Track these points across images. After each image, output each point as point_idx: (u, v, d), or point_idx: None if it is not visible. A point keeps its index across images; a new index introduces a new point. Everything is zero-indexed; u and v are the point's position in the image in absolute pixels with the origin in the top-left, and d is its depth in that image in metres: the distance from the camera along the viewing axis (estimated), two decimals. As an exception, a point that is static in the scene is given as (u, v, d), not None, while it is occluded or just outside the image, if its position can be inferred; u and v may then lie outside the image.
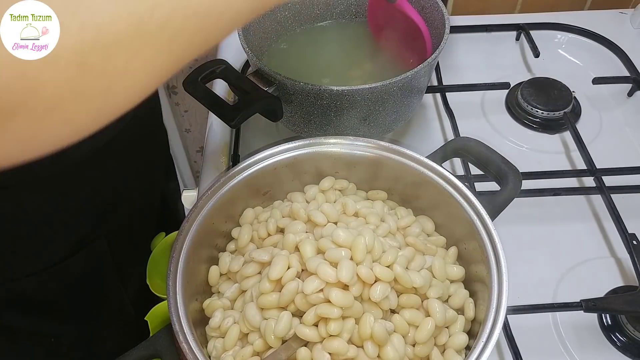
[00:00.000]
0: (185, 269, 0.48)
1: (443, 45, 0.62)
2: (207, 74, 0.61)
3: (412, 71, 0.59)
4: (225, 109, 0.59)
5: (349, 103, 0.60)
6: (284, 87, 0.61)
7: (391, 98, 0.62)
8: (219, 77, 0.62)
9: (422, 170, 0.54)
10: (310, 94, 0.60)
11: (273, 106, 0.61)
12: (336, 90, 0.58)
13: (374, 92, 0.59)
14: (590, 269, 0.63)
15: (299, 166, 0.57)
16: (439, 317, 0.47)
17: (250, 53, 0.63)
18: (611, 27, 0.89)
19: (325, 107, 0.61)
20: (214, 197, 0.53)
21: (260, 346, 0.47)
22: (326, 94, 0.59)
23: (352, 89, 0.58)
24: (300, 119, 0.65)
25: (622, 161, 0.72)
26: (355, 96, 0.59)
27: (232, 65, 0.63)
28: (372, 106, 0.61)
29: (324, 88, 0.58)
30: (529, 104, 0.78)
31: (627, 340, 0.57)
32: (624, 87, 0.81)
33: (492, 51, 0.89)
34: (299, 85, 0.59)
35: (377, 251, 0.48)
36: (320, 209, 0.52)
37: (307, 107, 0.62)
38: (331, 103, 0.60)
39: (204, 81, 0.61)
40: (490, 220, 0.49)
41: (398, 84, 0.59)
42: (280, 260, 0.48)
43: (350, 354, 0.45)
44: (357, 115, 0.62)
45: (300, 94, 0.61)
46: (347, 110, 0.61)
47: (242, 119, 0.59)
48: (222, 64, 0.62)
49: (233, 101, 0.60)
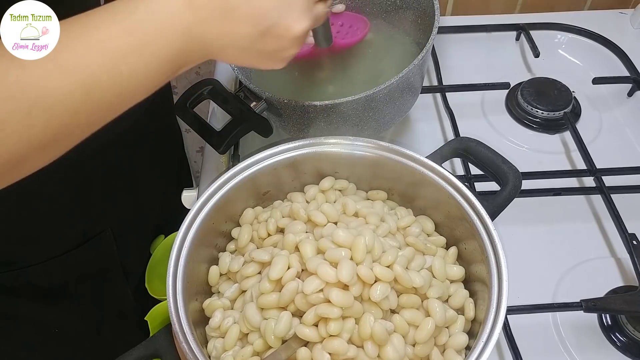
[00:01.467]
0: (185, 269, 0.48)
1: (430, 45, 0.61)
2: (196, 96, 0.63)
3: (398, 77, 0.58)
4: (212, 136, 0.61)
5: (336, 114, 0.60)
6: (271, 102, 0.61)
7: (381, 104, 0.61)
8: (207, 98, 0.63)
9: (422, 170, 0.54)
10: (297, 108, 0.60)
11: (261, 126, 0.62)
12: (320, 105, 0.58)
13: (359, 103, 0.59)
14: (590, 269, 0.63)
15: (299, 166, 0.57)
16: (439, 317, 0.47)
17: (237, 71, 0.63)
18: (611, 27, 0.89)
19: (313, 119, 0.61)
20: (214, 197, 0.53)
21: (260, 346, 0.47)
22: (311, 109, 0.59)
23: (335, 102, 0.58)
24: (293, 127, 0.65)
25: (622, 161, 0.72)
26: (341, 108, 0.59)
27: (222, 84, 0.64)
28: (362, 114, 0.61)
29: (308, 104, 0.58)
30: (529, 104, 0.78)
31: (627, 340, 0.57)
32: (624, 87, 0.81)
33: (492, 51, 0.89)
34: (283, 102, 0.59)
35: (377, 251, 0.48)
36: (320, 209, 0.52)
37: (297, 119, 0.63)
38: (318, 115, 0.60)
39: (193, 105, 0.63)
40: (490, 220, 0.49)
41: (384, 91, 0.58)
42: (280, 260, 0.48)
43: (350, 354, 0.45)
44: (348, 122, 0.61)
45: (287, 108, 0.61)
46: (336, 120, 0.61)
47: (229, 145, 0.61)
48: (210, 85, 0.63)
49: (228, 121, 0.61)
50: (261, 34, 0.40)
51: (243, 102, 0.62)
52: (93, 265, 0.70)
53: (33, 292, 0.68)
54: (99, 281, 0.73)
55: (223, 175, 0.54)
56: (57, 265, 0.66)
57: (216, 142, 0.60)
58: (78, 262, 0.68)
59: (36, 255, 0.65)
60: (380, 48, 0.73)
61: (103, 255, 0.71)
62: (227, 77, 0.80)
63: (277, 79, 0.69)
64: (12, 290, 0.66)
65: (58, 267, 0.66)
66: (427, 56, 0.62)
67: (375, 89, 0.58)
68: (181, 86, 1.21)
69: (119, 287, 0.76)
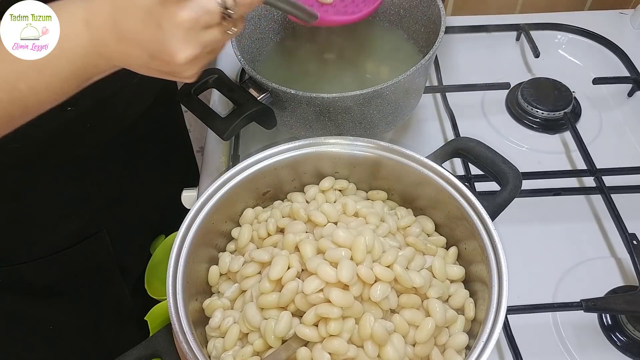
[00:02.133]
0: (185, 269, 0.48)
1: (437, 45, 0.62)
2: (201, 84, 0.62)
3: (405, 75, 0.59)
4: (216, 122, 0.59)
5: (341, 108, 0.60)
6: (277, 94, 0.61)
7: (385, 101, 0.61)
8: (212, 87, 0.63)
9: (422, 170, 0.54)
10: (302, 101, 0.60)
11: (265, 116, 0.61)
12: (327, 98, 0.58)
13: (366, 98, 0.59)
14: (590, 269, 0.63)
15: (299, 166, 0.57)
16: (439, 317, 0.47)
17: (242, 61, 0.63)
18: (611, 27, 0.89)
19: (319, 113, 0.61)
20: (214, 197, 0.53)
21: (260, 346, 0.47)
22: (318, 101, 0.59)
23: (342, 95, 0.58)
24: (296, 123, 0.65)
25: (622, 161, 0.72)
26: (348, 102, 0.59)
27: (226, 75, 0.63)
28: (366, 110, 0.61)
29: (315, 96, 0.58)
30: (529, 104, 0.78)
31: (627, 340, 0.57)
32: (624, 87, 0.81)
33: (492, 51, 0.89)
34: (290, 93, 0.59)
35: (377, 251, 0.48)
36: (320, 209, 0.52)
37: (301, 112, 0.62)
38: (324, 109, 0.60)
39: (197, 92, 0.62)
40: (490, 220, 0.49)
41: (390, 88, 0.59)
42: (280, 260, 0.48)
43: (350, 354, 0.45)
44: (352, 119, 0.62)
45: (293, 101, 0.61)
46: (341, 115, 0.61)
47: (234, 131, 0.59)
48: (215, 74, 0.63)
49: (230, 110, 0.61)
50: (151, 57, 0.41)
51: (249, 92, 0.61)
52: (88, 265, 0.70)
53: (25, 289, 0.68)
54: (94, 280, 0.73)
55: (223, 175, 0.54)
56: (51, 264, 0.66)
57: (220, 128, 0.59)
58: (72, 261, 0.68)
59: (28, 254, 0.65)
60: (385, 49, 0.73)
61: (98, 255, 0.71)
62: (230, 68, 0.79)
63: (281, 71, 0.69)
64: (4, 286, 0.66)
65: (52, 265, 0.66)
66: (433, 58, 0.62)
67: (382, 85, 0.58)
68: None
69: (116, 286, 0.76)
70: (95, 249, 0.70)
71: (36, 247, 0.65)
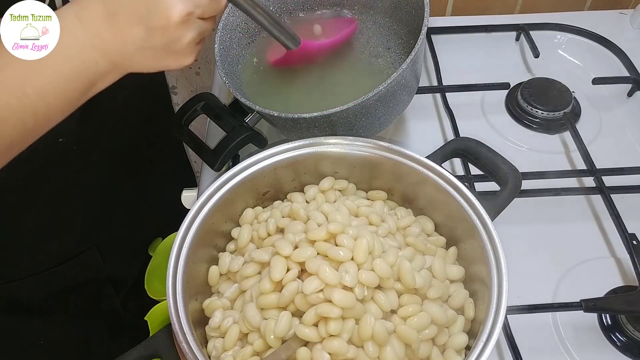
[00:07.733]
0: (185, 269, 0.49)
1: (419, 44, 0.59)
2: (191, 113, 0.64)
3: (385, 84, 0.56)
4: (207, 154, 0.61)
5: (327, 123, 0.59)
6: (263, 115, 0.61)
7: (372, 109, 0.60)
8: (201, 113, 0.64)
9: (422, 170, 0.54)
10: (288, 120, 0.59)
11: (255, 139, 0.62)
12: (309, 117, 0.57)
13: (349, 112, 0.57)
14: (590, 269, 0.63)
15: (299, 166, 0.57)
16: (439, 317, 0.47)
17: (228, 84, 0.62)
18: (611, 27, 0.89)
19: (305, 128, 0.60)
20: (214, 197, 0.53)
21: (260, 346, 0.47)
22: (302, 121, 0.58)
23: (324, 114, 0.56)
24: (289, 134, 0.65)
25: (622, 161, 0.72)
26: (332, 118, 0.58)
27: (215, 98, 0.64)
28: (354, 120, 0.60)
29: (297, 116, 0.57)
30: (528, 104, 0.78)
31: (627, 340, 0.57)
32: (623, 87, 0.81)
33: (492, 51, 0.89)
34: (273, 115, 0.59)
35: (378, 251, 0.48)
36: (320, 209, 0.52)
37: (290, 128, 0.62)
38: (310, 125, 0.59)
39: (188, 121, 0.64)
40: (490, 220, 0.49)
41: (373, 98, 0.56)
42: (280, 260, 0.48)
43: (350, 354, 0.45)
44: (341, 129, 0.60)
45: (279, 120, 0.60)
46: (329, 128, 0.60)
47: (223, 162, 0.61)
48: (203, 100, 0.64)
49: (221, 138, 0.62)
50: (147, 30, 0.41)
51: (236, 116, 0.62)
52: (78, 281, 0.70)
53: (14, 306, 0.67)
54: (85, 295, 0.72)
55: (223, 175, 0.54)
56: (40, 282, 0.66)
57: (211, 159, 0.61)
58: (62, 278, 0.68)
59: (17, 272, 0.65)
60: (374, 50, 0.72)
61: (89, 271, 0.70)
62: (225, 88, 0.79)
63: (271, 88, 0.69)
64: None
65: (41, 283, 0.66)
66: (418, 57, 0.60)
67: (362, 98, 0.55)
68: (181, 85, 1.21)
69: (107, 299, 0.76)
70: (85, 266, 0.69)
71: (25, 266, 0.65)
